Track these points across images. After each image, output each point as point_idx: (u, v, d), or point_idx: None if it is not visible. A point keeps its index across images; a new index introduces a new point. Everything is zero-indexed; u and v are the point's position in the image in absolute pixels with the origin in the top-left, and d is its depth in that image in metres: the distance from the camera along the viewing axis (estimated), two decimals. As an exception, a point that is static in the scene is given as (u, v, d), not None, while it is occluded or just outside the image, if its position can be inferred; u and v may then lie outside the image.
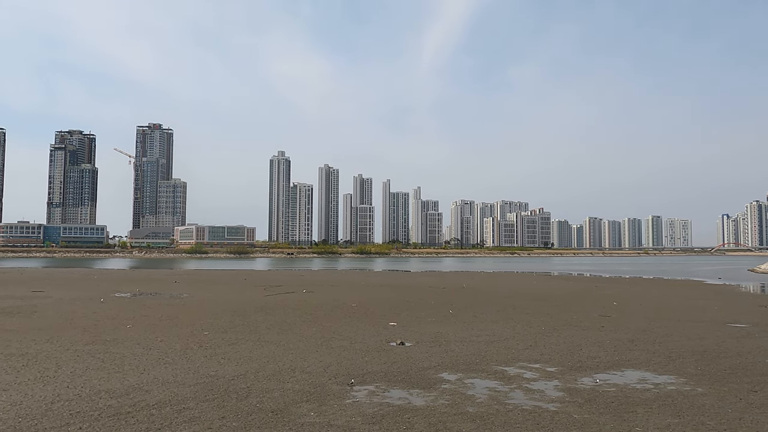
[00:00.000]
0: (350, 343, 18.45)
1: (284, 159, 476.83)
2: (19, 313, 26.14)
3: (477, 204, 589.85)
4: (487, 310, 29.06)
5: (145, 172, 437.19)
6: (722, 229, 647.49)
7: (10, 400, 11.14)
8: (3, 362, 14.76)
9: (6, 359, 15.16)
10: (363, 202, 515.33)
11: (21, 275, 65.36)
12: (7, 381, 12.69)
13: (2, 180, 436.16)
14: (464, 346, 18.17)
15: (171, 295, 37.53)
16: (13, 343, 17.63)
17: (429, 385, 12.85)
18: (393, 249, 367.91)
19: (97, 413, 10.33)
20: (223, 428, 9.57)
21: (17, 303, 30.72)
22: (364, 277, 69.83)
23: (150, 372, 13.78)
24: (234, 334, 20.14)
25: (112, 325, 21.99)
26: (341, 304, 31.72)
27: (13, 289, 40.92)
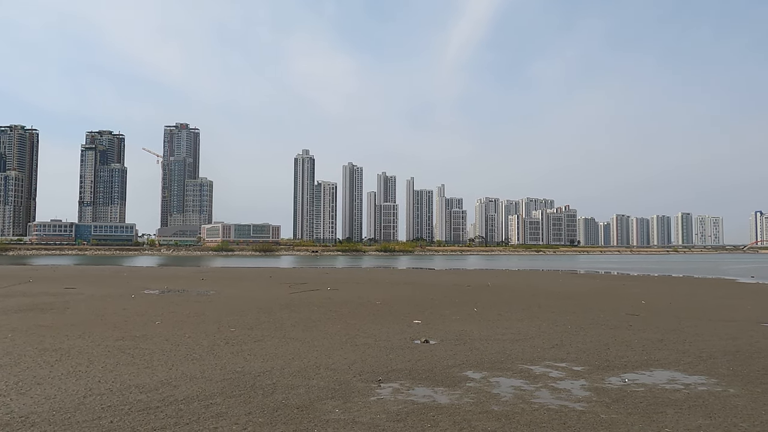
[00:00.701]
0: (374, 340, 18.50)
1: (308, 158, 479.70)
2: (53, 309, 26.83)
3: (502, 201, 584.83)
4: (512, 308, 28.83)
5: (173, 171, 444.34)
6: (755, 227, 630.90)
7: (44, 393, 11.45)
8: (38, 357, 15.17)
9: (40, 354, 15.58)
10: (387, 200, 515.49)
11: (54, 272, 67.06)
12: (41, 375, 13.05)
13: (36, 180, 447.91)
14: (489, 344, 18.07)
15: (198, 292, 38.10)
16: (47, 339, 18.11)
17: (454, 383, 12.81)
18: (417, 247, 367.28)
19: (128, 407, 10.55)
20: (249, 424, 9.69)
21: (51, 299, 31.54)
22: (388, 274, 69.89)
23: (178, 367, 14.02)
24: (260, 330, 20.36)
25: (141, 322, 22.43)
26: (365, 301, 31.82)
27: (47, 286, 42.01)
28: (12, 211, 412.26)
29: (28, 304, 29.06)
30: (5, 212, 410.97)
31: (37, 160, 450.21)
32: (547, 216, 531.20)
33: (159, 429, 9.35)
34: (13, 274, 60.05)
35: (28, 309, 26.67)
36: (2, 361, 14.59)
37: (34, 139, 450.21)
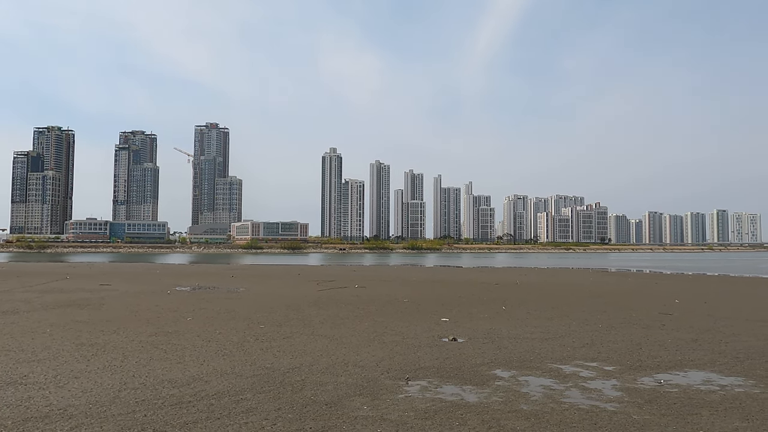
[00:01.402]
0: (402, 338, 18.51)
1: (336, 156, 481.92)
2: (89, 305, 27.56)
3: (530, 199, 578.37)
4: (541, 307, 28.51)
5: (203, 170, 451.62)
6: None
7: (81, 387, 11.78)
8: (75, 351, 15.62)
9: (77, 348, 16.03)
10: (414, 198, 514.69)
11: (90, 269, 68.87)
12: (78, 369, 13.42)
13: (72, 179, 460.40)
14: (518, 342, 17.91)
15: (228, 289, 38.67)
16: (84, 334, 18.62)
17: (482, 381, 12.74)
18: (444, 244, 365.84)
19: (161, 402, 10.79)
20: (279, 419, 9.81)
21: (87, 296, 32.41)
22: (416, 272, 69.82)
23: (209, 363, 14.26)
24: (288, 327, 20.57)
25: (173, 318, 22.88)
26: (393, 299, 31.85)
27: (84, 283, 43.18)
28: (50, 210, 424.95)
29: (66, 300, 29.92)
30: (43, 211, 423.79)
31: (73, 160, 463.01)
32: (577, 213, 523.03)
33: (191, 423, 9.53)
34: (52, 271, 61.89)
35: (66, 305, 27.45)
36: (42, 355, 15.06)
37: (70, 140, 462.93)
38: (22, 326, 20.15)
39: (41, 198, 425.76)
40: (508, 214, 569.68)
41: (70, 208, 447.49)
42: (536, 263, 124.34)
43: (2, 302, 28.28)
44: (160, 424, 9.45)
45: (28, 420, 9.57)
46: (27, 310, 25.24)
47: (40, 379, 12.37)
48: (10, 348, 15.95)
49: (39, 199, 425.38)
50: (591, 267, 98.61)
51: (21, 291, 35.25)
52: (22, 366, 13.67)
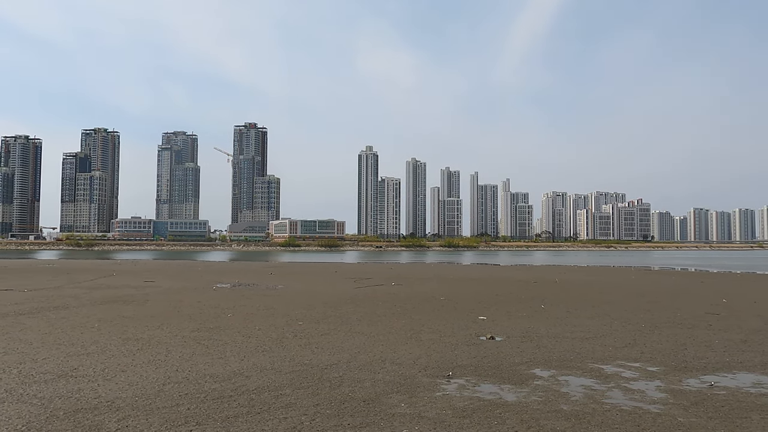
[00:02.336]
0: (439, 336, 18.46)
1: (372, 154, 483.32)
2: (134, 301, 28.43)
3: (570, 195, 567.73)
4: (581, 306, 27.98)
5: (242, 169, 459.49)
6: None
7: (127, 380, 12.18)
8: (121, 346, 16.14)
9: (123, 343, 16.57)
10: (450, 195, 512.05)
11: (134, 266, 71.04)
12: (125, 363, 13.88)
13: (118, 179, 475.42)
14: (557, 342, 17.62)
15: (267, 286, 39.28)
16: (130, 329, 19.22)
17: (521, 380, 12.60)
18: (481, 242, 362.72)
19: (203, 396, 11.05)
20: (317, 415, 9.92)
21: (132, 292, 33.44)
22: (453, 270, 69.45)
23: (249, 359, 14.53)
24: (326, 324, 20.77)
25: (214, 314, 23.38)
26: (430, 297, 31.78)
27: (129, 279, 44.57)
28: (97, 209, 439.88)
29: (112, 296, 30.94)
30: (90, 210, 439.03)
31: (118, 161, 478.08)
32: (618, 210, 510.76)
33: (232, 417, 9.74)
34: (99, 268, 64.10)
35: (113, 301, 28.39)
36: (90, 349, 15.62)
37: (116, 141, 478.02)
38: (72, 321, 20.94)
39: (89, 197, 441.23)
40: (547, 212, 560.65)
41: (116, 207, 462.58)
42: (576, 261, 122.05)
43: (54, 298, 29.45)
44: (202, 418, 9.69)
45: (79, 411, 9.95)
46: (76, 305, 26.21)
47: (89, 372, 12.83)
48: (62, 342, 16.60)
49: (87, 199, 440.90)
50: (633, 265, 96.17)
51: (71, 287, 36.63)
52: (72, 359, 14.21)
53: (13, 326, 19.48)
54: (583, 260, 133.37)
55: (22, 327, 19.33)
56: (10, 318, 21.54)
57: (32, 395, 10.91)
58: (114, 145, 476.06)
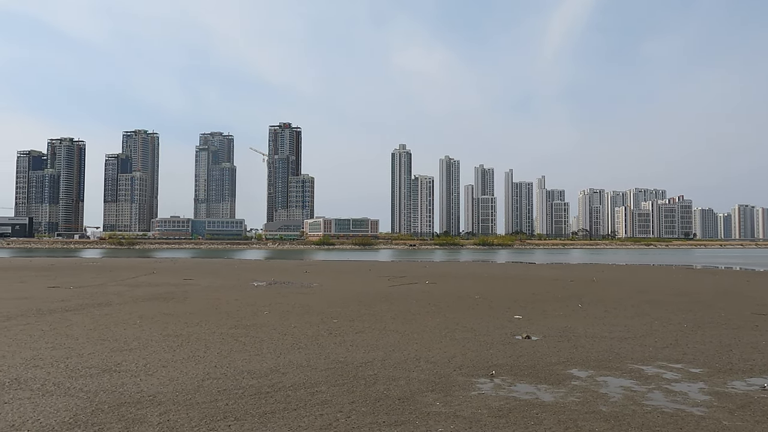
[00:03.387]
0: (474, 335, 18.34)
1: (405, 152, 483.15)
2: (174, 298, 29.13)
3: (607, 192, 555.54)
4: (620, 305, 27.38)
5: (277, 168, 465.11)
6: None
7: (168, 375, 12.50)
8: (162, 342, 16.57)
9: (164, 339, 17.00)
10: (485, 193, 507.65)
11: (174, 264, 72.76)
12: (166, 359, 14.24)
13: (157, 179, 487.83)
14: (595, 342, 17.30)
15: (302, 284, 39.70)
16: (170, 325, 19.71)
17: (558, 380, 12.42)
18: (516, 240, 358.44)
19: (241, 392, 11.25)
20: (353, 413, 9.98)
21: (172, 289, 34.27)
22: (487, 268, 68.87)
23: (285, 356, 14.72)
24: (360, 322, 20.87)
25: (251, 311, 23.77)
26: (464, 295, 31.59)
27: (169, 277, 45.69)
28: (138, 209, 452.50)
29: (153, 293, 31.77)
30: (132, 210, 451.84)
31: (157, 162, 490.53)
32: (658, 207, 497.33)
33: (269, 413, 9.89)
34: (140, 266, 65.90)
35: (153, 298, 29.15)
36: (133, 344, 16.09)
37: (155, 142, 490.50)
38: (115, 317, 21.60)
39: (130, 197, 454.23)
40: (584, 209, 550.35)
41: (156, 207, 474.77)
42: (614, 260, 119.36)
43: (98, 295, 30.42)
44: (240, 413, 9.87)
45: (122, 405, 10.27)
46: (119, 302, 27.02)
47: (132, 367, 13.22)
48: (106, 338, 17.14)
49: (128, 199, 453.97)
50: (674, 264, 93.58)
51: (113, 285, 37.77)
52: (116, 354, 14.66)
53: (60, 322, 20.20)
54: (621, 258, 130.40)
55: (68, 323, 20.04)
56: (58, 314, 22.35)
57: (78, 389, 11.30)
58: (153, 146, 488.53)
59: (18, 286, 35.69)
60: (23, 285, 36.95)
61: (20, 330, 18.33)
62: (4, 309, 23.75)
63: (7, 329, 18.47)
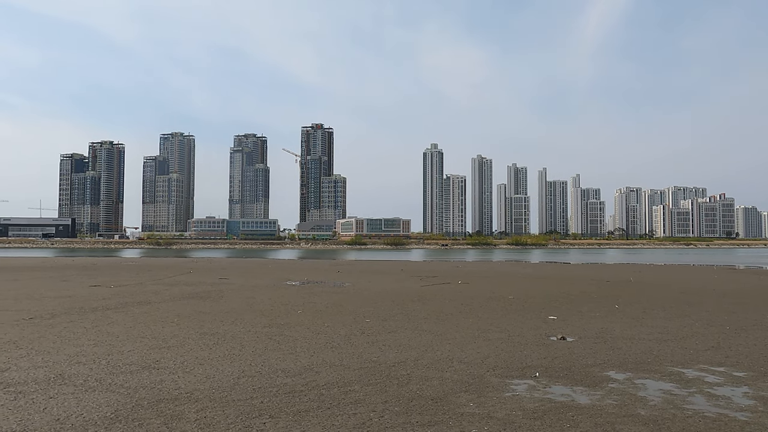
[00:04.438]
0: (508, 335, 18.16)
1: (437, 152, 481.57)
2: (209, 297, 29.68)
3: (645, 191, 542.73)
4: (659, 306, 26.70)
5: (310, 169, 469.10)
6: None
7: (205, 373, 12.74)
8: (199, 340, 16.90)
9: (201, 337, 17.33)
10: (518, 192, 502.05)
11: (210, 264, 74.13)
12: (202, 356, 14.52)
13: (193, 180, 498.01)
14: (633, 343, 16.91)
15: (334, 283, 39.96)
16: (206, 324, 20.09)
17: (594, 383, 12.19)
18: (550, 240, 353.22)
19: (275, 390, 11.39)
20: (386, 412, 10.00)
21: (208, 288, 34.92)
22: (521, 268, 68.06)
23: (319, 355, 14.84)
24: (393, 322, 20.88)
25: (285, 311, 24.04)
26: (497, 295, 31.29)
27: (205, 277, 46.57)
28: (174, 209, 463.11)
29: (190, 292, 32.43)
30: (169, 210, 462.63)
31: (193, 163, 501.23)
32: (698, 205, 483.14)
33: (303, 412, 9.98)
34: (177, 266, 67.35)
35: (190, 297, 29.76)
36: (171, 342, 16.46)
37: (191, 144, 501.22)
38: (154, 316, 22.13)
39: (167, 198, 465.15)
40: (620, 208, 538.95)
41: (192, 208, 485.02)
42: (652, 259, 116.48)
43: (137, 294, 31.23)
44: (275, 411, 9.99)
45: (161, 401, 10.51)
46: (157, 301, 27.67)
47: (170, 365, 13.52)
48: (144, 335, 17.58)
49: (165, 200, 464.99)
50: (715, 264, 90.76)
51: (152, 284, 38.71)
52: (154, 352, 15.03)
53: (102, 320, 20.81)
54: (659, 258, 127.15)
55: (109, 321, 20.62)
56: (99, 312, 23.03)
57: (119, 385, 11.62)
58: (189, 148, 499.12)
59: (62, 285, 36.91)
60: (67, 284, 38.19)
61: (64, 327, 18.95)
62: (50, 307, 24.60)
63: (52, 326, 19.12)
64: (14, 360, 13.87)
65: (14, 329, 18.49)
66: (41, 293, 30.95)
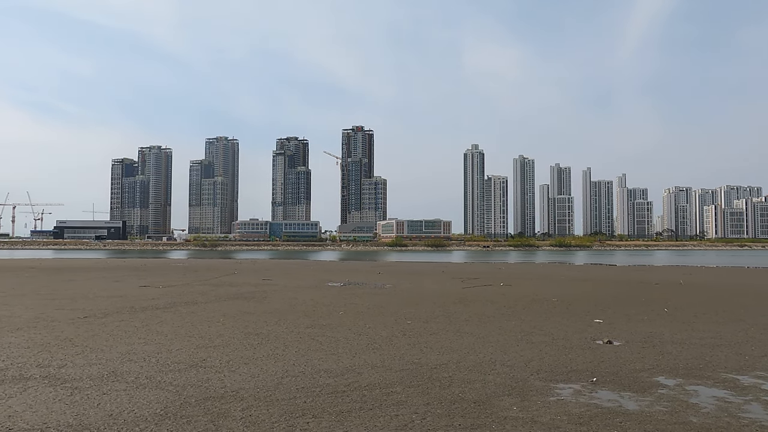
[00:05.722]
0: (552, 339, 17.83)
1: (478, 152, 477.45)
2: (254, 298, 30.25)
3: (695, 190, 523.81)
4: (711, 310, 25.72)
5: (350, 171, 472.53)
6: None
7: (249, 372, 12.99)
8: (243, 340, 17.24)
9: (245, 337, 17.69)
10: (561, 193, 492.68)
11: (253, 265, 75.54)
12: (247, 356, 14.81)
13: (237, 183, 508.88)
14: (683, 348, 16.35)
15: (375, 285, 40.09)
16: (251, 324, 20.49)
17: (643, 388, 11.84)
18: (595, 241, 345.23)
19: (318, 390, 11.52)
20: (428, 414, 9.97)
21: (252, 289, 35.60)
22: (565, 270, 66.73)
23: (360, 356, 14.92)
24: (434, 324, 20.81)
25: (327, 311, 24.27)
26: (540, 298, 30.77)
27: (249, 278, 47.49)
28: (220, 212, 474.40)
29: (234, 293, 33.13)
30: (214, 213, 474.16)
31: (238, 166, 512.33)
32: (753, 205, 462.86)
33: (345, 412, 10.05)
34: (222, 267, 68.94)
35: (235, 297, 30.41)
36: (216, 342, 16.85)
37: (236, 148, 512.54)
38: (200, 316, 22.71)
39: (212, 201, 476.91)
40: (669, 208, 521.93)
41: (236, 210, 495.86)
42: (703, 261, 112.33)
43: (184, 294, 32.11)
44: (318, 411, 10.10)
45: (208, 399, 10.78)
46: (204, 301, 28.38)
47: (216, 364, 13.85)
48: (192, 335, 18.06)
49: (211, 203, 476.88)
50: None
51: (198, 284, 39.73)
52: (201, 351, 15.42)
53: (151, 319, 21.49)
54: (711, 260, 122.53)
55: (158, 320, 21.28)
56: (149, 312, 23.79)
57: (168, 383, 11.98)
58: (234, 151, 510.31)
59: (114, 285, 38.30)
60: (118, 284, 39.61)
61: (116, 326, 19.66)
62: (102, 306, 25.56)
63: (105, 325, 19.87)
64: (70, 357, 14.48)
65: (70, 327, 19.30)
66: (95, 293, 32.20)
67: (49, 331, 18.53)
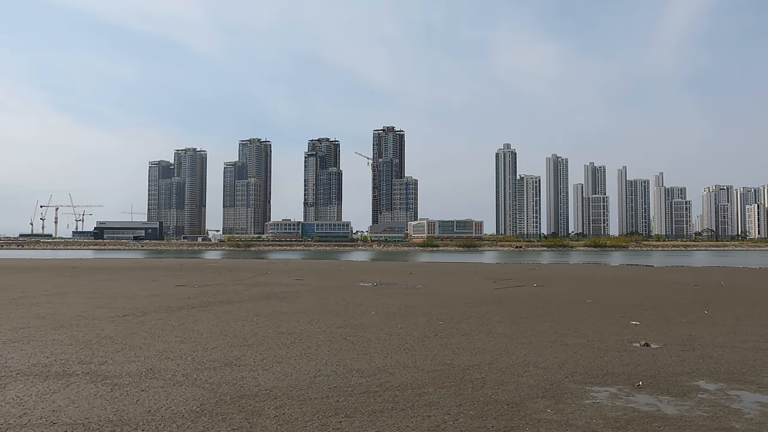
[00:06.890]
0: (587, 340, 17.53)
1: (510, 152, 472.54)
2: (286, 297, 30.59)
3: (736, 189, 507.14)
4: (754, 312, 24.88)
5: (381, 171, 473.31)
6: None
7: (283, 371, 13.14)
8: (277, 339, 17.46)
9: (279, 336, 17.90)
10: (595, 192, 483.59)
11: (286, 265, 76.37)
12: (281, 355, 14.99)
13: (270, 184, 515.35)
14: (725, 352, 15.86)
15: (407, 285, 40.06)
16: (284, 323, 20.72)
17: (682, 393, 11.54)
18: (631, 241, 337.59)
19: (350, 389, 11.58)
20: (460, 415, 9.92)
21: (284, 289, 36.00)
22: (600, 271, 65.47)
23: (392, 356, 14.93)
24: (466, 325, 20.68)
25: (358, 312, 24.37)
26: (575, 299, 30.27)
27: (281, 278, 48.04)
28: (253, 213, 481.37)
29: (268, 292, 33.56)
30: (248, 213, 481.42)
31: (270, 168, 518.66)
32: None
33: (378, 412, 10.08)
34: (256, 267, 69.89)
35: (268, 297, 30.80)
36: (251, 341, 17.10)
37: (268, 150, 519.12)
38: (235, 315, 23.08)
39: (246, 202, 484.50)
40: (708, 207, 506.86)
41: (269, 211, 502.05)
42: (745, 262, 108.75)
43: (219, 293, 32.68)
44: (350, 411, 10.16)
45: (242, 397, 10.95)
46: (238, 300, 28.84)
47: (250, 362, 14.05)
48: (227, 333, 18.37)
49: (244, 204, 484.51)
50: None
51: (232, 284, 40.37)
52: (235, 350, 15.67)
53: (187, 318, 21.94)
54: (753, 261, 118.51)
55: (194, 319, 21.71)
56: (185, 311, 24.30)
57: (204, 380, 12.21)
58: (266, 153, 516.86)
59: (151, 284, 39.24)
60: (155, 283, 40.56)
61: (153, 324, 20.14)
62: (141, 305, 26.22)
63: (143, 323, 20.38)
64: (110, 354, 14.90)
65: (110, 325, 19.86)
66: (133, 292, 33.05)
67: (91, 329, 19.11)
